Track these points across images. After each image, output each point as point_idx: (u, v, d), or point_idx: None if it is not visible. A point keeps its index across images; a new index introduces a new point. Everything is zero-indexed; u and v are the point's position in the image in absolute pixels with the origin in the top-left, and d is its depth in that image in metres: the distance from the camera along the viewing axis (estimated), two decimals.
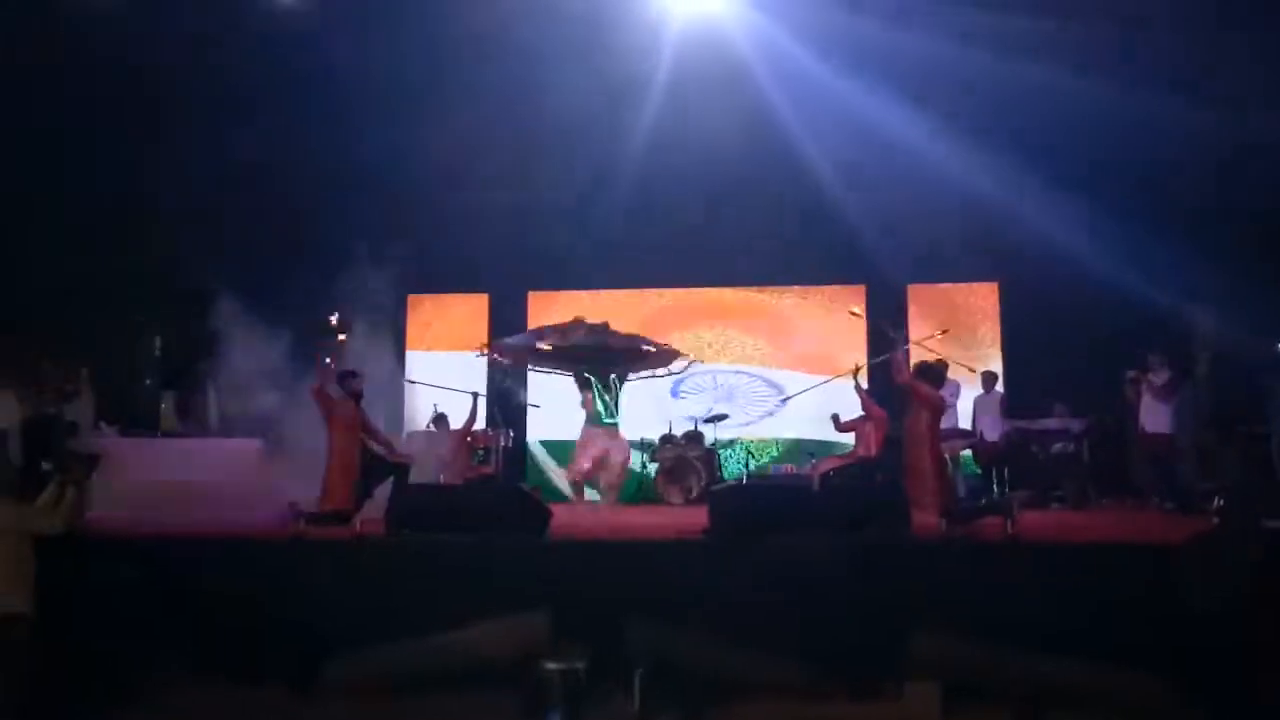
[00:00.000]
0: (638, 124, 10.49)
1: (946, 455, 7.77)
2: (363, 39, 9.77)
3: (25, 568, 4.66)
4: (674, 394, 12.02)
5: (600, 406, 9.46)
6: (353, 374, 7.63)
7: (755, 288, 12.35)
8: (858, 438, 8.35)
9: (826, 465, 8.32)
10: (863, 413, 8.30)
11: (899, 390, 7.15)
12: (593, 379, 9.56)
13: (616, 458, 9.37)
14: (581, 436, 9.47)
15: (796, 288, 12.22)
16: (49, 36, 9.54)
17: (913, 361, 7.51)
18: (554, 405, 11.21)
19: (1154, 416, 9.20)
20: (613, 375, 9.66)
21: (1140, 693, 4.32)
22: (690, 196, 11.22)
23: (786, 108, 10.41)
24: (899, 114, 10.15)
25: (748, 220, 11.38)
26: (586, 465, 9.32)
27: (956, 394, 9.44)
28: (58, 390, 9.21)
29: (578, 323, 10.30)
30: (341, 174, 10.71)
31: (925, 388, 6.82)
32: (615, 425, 9.54)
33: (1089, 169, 10.25)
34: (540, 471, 12.07)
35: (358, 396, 7.51)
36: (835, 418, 8.75)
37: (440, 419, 10.44)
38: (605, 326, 10.29)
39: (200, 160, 10.10)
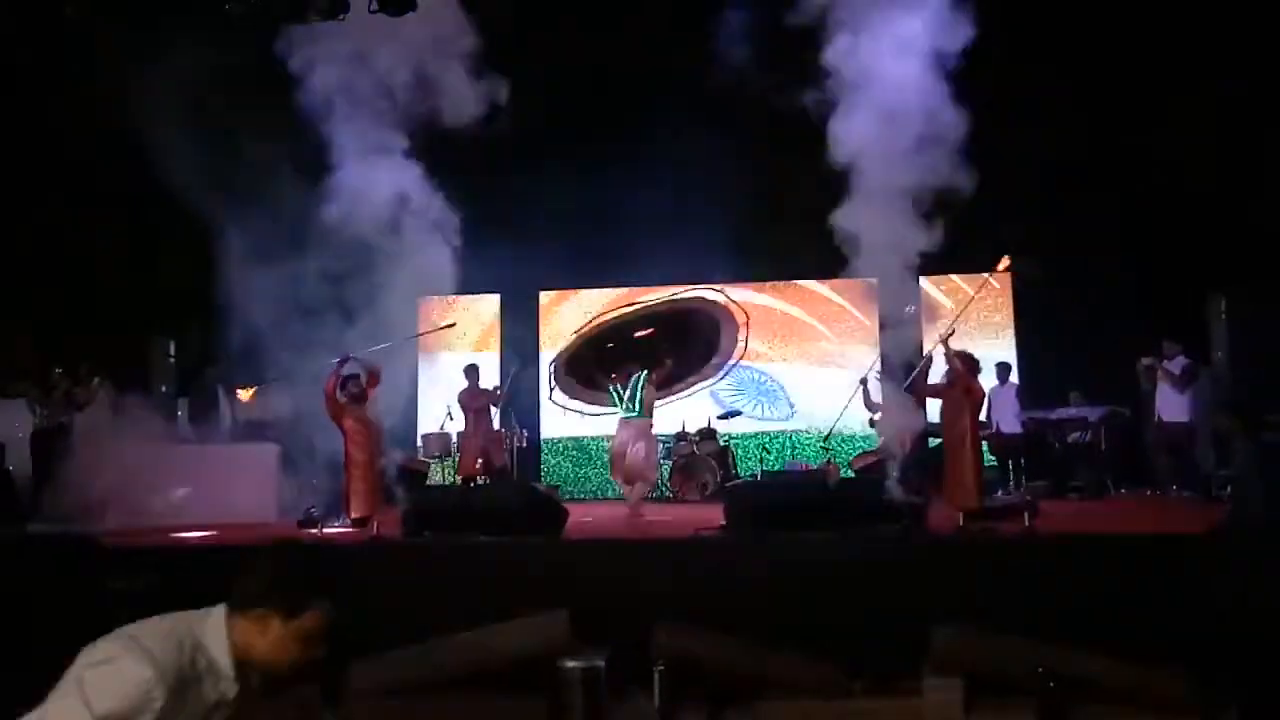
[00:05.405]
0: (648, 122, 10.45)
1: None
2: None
3: None
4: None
5: (615, 398, 9.10)
6: (354, 378, 7.53)
7: (764, 283, 12.29)
8: (883, 432, 8.23)
9: (861, 461, 8.19)
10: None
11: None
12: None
13: (631, 448, 8.75)
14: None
15: (806, 283, 12.15)
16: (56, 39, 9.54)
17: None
18: None
19: (1171, 405, 9.16)
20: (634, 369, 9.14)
21: (1167, 685, 4.28)
22: (696, 194, 11.13)
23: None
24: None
25: (754, 216, 11.29)
26: (609, 459, 9.08)
27: None
28: (69, 399, 9.26)
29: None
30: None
31: (972, 379, 6.79)
32: (632, 417, 8.92)
33: (1101, 152, 10.18)
34: (555, 471, 12.07)
35: (358, 399, 7.45)
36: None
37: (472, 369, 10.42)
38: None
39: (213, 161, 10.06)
